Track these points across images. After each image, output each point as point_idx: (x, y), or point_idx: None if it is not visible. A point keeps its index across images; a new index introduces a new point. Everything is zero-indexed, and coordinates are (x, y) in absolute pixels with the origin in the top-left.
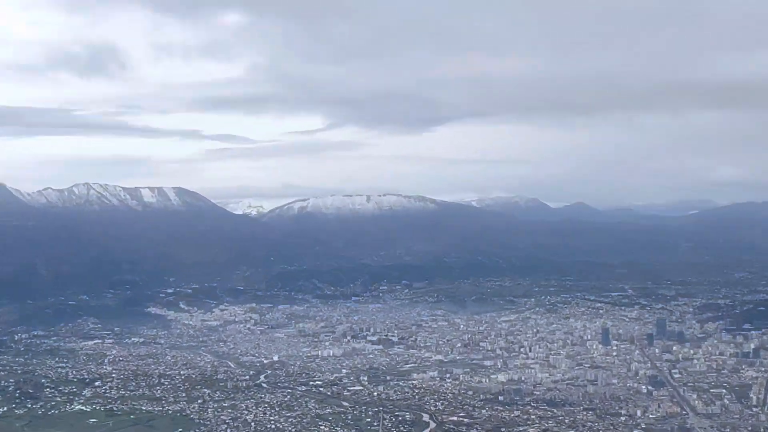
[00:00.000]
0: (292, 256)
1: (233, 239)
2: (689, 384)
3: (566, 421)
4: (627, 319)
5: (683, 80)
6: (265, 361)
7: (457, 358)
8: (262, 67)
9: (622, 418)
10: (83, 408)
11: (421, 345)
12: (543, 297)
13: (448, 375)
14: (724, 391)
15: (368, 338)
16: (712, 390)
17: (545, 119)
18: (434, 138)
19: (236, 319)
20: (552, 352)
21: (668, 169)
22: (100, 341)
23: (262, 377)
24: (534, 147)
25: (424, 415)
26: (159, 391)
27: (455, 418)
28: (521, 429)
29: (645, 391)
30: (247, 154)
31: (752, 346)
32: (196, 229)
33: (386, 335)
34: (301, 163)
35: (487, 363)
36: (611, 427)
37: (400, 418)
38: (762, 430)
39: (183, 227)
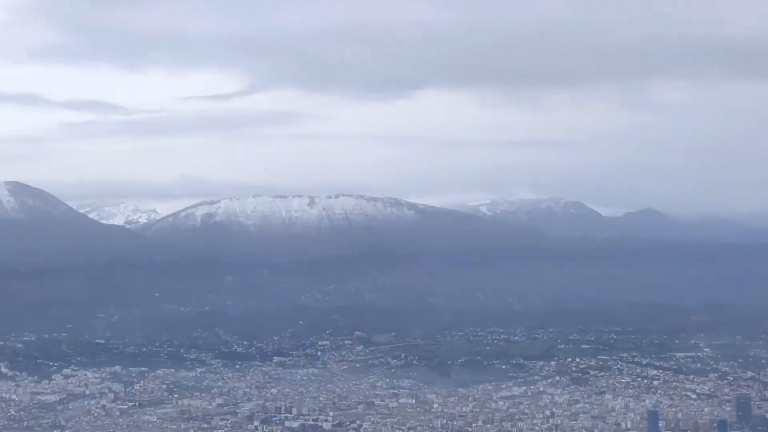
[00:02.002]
0: (187, 292)
1: (98, 264)
2: None
3: None
4: (694, 396)
5: None
6: None
7: None
8: None
9: None
10: None
11: None
12: (570, 359)
13: None
14: None
15: (287, 423)
16: None
17: (588, 80)
18: (416, 107)
19: (87, 392)
20: None
21: None
22: None
23: None
24: (576, 122)
25: None
26: None
27: None
28: None
29: None
30: (123, 130)
31: None
32: (39, 248)
33: (315, 419)
34: (208, 145)
35: None
36: None
37: None
38: None
39: (18, 245)
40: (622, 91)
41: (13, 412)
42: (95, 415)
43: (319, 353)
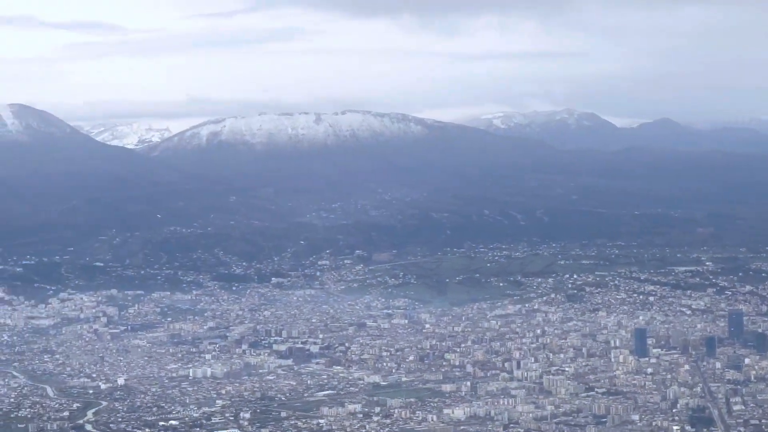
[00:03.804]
0: (190, 213)
1: (102, 186)
2: (753, 422)
3: None
4: (689, 312)
5: None
6: (103, 387)
7: (403, 380)
8: None
9: None
10: None
11: (353, 359)
12: (568, 275)
13: (377, 409)
14: None
15: (275, 347)
16: None
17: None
18: (428, 23)
19: (81, 316)
20: (553, 369)
21: None
22: None
23: (89, 414)
24: (587, 31)
25: None
26: None
27: None
28: None
29: None
30: (124, 50)
31: None
32: (42, 171)
33: (304, 342)
34: (213, 63)
35: (447, 388)
36: None
37: None
38: None
39: (22, 168)
40: None
41: (6, 337)
42: (86, 339)
43: (318, 273)
